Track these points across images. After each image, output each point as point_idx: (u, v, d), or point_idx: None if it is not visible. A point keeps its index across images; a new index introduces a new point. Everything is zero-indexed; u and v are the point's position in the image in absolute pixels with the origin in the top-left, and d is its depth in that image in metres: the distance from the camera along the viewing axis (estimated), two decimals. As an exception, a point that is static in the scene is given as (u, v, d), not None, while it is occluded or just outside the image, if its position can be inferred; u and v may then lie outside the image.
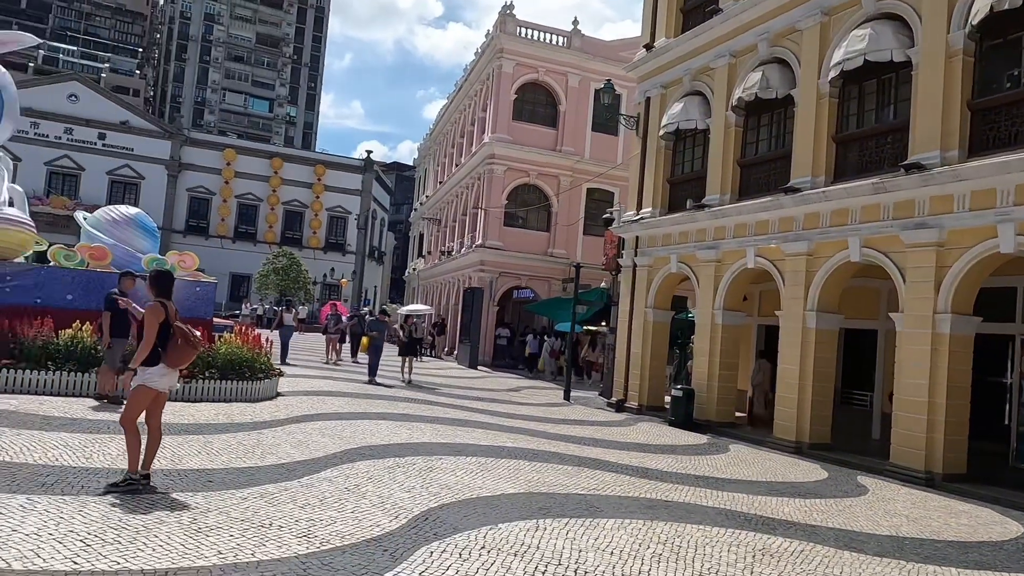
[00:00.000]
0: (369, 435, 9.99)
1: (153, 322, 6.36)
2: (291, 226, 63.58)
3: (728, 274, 16.61)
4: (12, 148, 55.70)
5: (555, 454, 10.16)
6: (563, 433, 12.57)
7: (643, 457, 10.87)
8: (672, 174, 19.34)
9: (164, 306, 6.47)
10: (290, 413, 11.21)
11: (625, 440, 12.67)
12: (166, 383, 6.51)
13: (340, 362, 22.93)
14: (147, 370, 6.35)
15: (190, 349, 6.53)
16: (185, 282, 12.97)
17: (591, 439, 12.23)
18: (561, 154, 31.93)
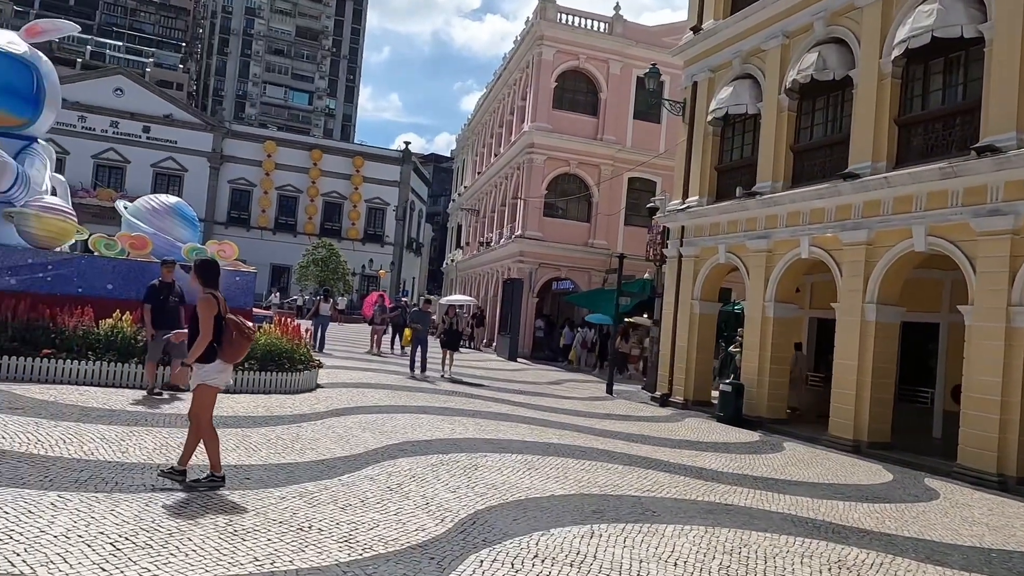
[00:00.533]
0: (410, 430, 9.67)
1: (208, 316, 6.07)
2: (330, 217, 63.93)
3: (780, 264, 15.94)
4: (60, 141, 56.92)
5: (603, 451, 9.73)
6: (609, 429, 12.12)
7: (695, 455, 10.37)
8: (720, 161, 18.67)
9: (215, 298, 6.18)
10: (329, 406, 10.95)
11: (674, 437, 12.17)
12: (224, 379, 6.26)
13: (382, 354, 22.61)
14: (203, 367, 6.08)
15: (245, 341, 6.25)
16: (225, 272, 12.78)
17: (639, 435, 11.76)
18: (602, 143, 31.31)
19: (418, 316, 18.53)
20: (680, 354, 18.67)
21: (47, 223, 11.35)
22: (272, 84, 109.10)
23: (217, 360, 6.12)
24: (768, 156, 16.35)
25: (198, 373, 6.06)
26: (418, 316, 18.53)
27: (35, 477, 5.69)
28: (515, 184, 33.31)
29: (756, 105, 16.80)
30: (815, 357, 19.23)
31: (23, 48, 12.58)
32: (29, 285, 11.24)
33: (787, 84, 15.70)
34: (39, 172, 12.35)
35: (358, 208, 64.19)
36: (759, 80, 17.01)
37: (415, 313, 18.87)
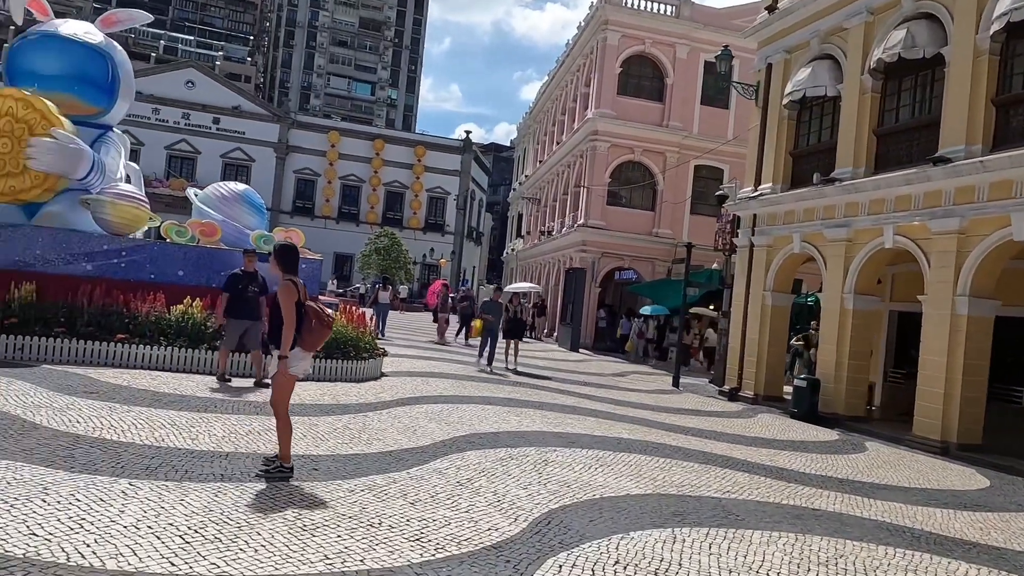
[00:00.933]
0: (477, 421, 9.45)
1: (289, 303, 5.94)
2: (392, 206, 64.53)
3: (860, 254, 15.15)
4: (135, 133, 58.84)
5: (677, 448, 9.33)
6: (680, 424, 11.68)
7: (773, 454, 9.87)
8: (796, 146, 17.87)
9: (295, 284, 6.05)
10: (395, 395, 10.84)
11: (748, 434, 11.66)
12: (303, 368, 6.11)
13: (447, 343, 22.35)
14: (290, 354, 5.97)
15: (324, 330, 6.11)
16: (291, 259, 12.85)
17: (711, 432, 11.29)
18: (668, 129, 30.54)
19: (489, 307, 17.29)
20: (750, 347, 18.02)
21: (121, 210, 11.53)
22: (336, 75, 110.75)
23: (296, 348, 5.99)
24: (849, 140, 15.55)
25: (277, 361, 5.94)
26: (489, 307, 17.29)
27: (107, 463, 5.65)
28: (578, 172, 32.83)
29: (836, 87, 15.97)
30: (895, 352, 18.32)
31: (99, 38, 12.80)
32: (104, 271, 11.44)
33: (871, 64, 14.86)
34: (114, 160, 12.57)
35: (419, 197, 64.61)
36: (839, 60, 16.17)
37: (486, 304, 17.56)
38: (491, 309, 17.09)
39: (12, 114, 11.16)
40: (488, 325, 16.71)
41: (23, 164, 11.17)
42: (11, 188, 11.27)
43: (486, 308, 17.32)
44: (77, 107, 12.43)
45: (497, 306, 17.25)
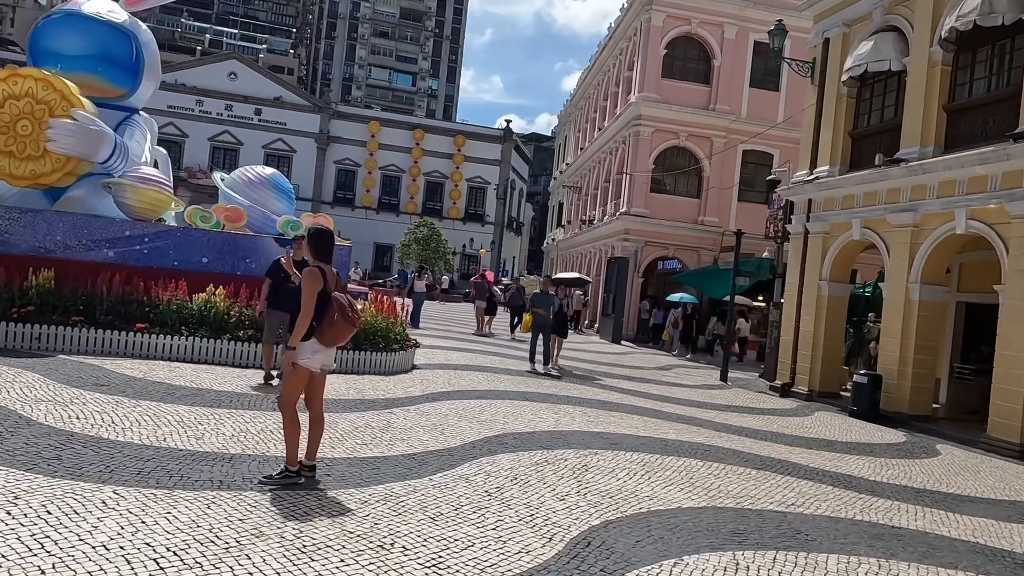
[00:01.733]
0: (511, 419, 8.74)
1: (312, 291, 5.29)
2: (432, 197, 64.21)
3: (928, 241, 14.01)
4: (180, 125, 59.55)
5: (730, 451, 8.49)
6: (731, 423, 10.80)
7: (837, 459, 8.95)
8: (855, 126, 16.72)
9: (323, 272, 5.40)
10: (425, 389, 10.18)
11: (806, 434, 10.73)
12: (318, 361, 5.40)
13: (490, 335, 21.31)
14: (301, 346, 5.32)
15: (348, 326, 5.42)
16: (319, 246, 12.28)
17: (765, 432, 10.40)
18: (715, 113, 29.33)
19: (540, 299, 15.27)
20: (804, 340, 16.97)
21: (142, 194, 11.07)
22: (377, 66, 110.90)
23: (312, 340, 5.34)
24: (916, 117, 14.38)
25: (297, 351, 5.31)
26: (540, 299, 15.27)
27: (95, 467, 5.08)
28: (620, 159, 31.82)
29: (901, 60, 14.80)
30: (962, 346, 17.08)
31: (123, 17, 12.37)
32: (126, 257, 11.01)
33: (942, 34, 13.66)
34: (138, 144, 12.14)
35: (459, 187, 64.17)
36: (905, 32, 14.98)
37: (537, 296, 15.41)
38: (542, 302, 15.14)
39: (32, 95, 10.77)
40: (539, 320, 14.91)
41: (43, 147, 10.78)
42: (32, 172, 10.89)
43: (537, 301, 15.29)
44: (101, 88, 12.02)
45: (548, 298, 15.16)
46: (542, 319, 14.86)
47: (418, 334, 18.66)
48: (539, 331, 14.91)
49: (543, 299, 15.19)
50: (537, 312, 15.09)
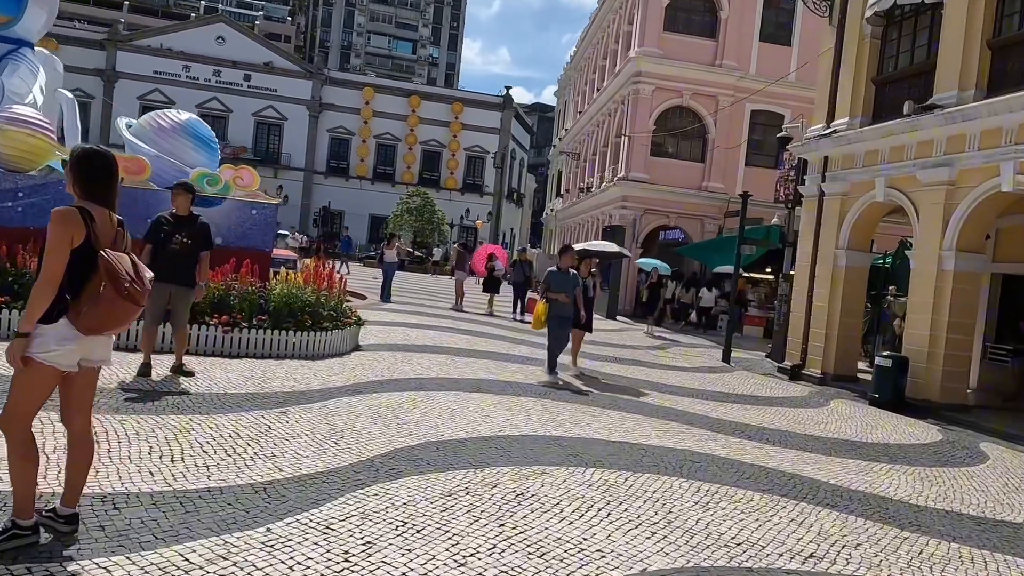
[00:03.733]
0: (445, 419, 6.82)
1: (59, 243, 3.32)
2: (429, 166, 61.99)
3: (967, 201, 11.97)
4: (167, 91, 57.30)
5: (727, 463, 6.54)
6: (730, 419, 8.86)
7: (865, 471, 6.99)
8: (880, 71, 14.57)
9: (86, 217, 3.43)
10: (352, 378, 8.26)
11: (823, 433, 8.77)
12: (72, 355, 3.39)
13: (492, 314, 18.76)
14: (40, 329, 3.33)
15: (122, 304, 3.40)
16: (237, 204, 10.26)
17: (773, 431, 8.45)
18: (721, 69, 27.03)
19: (560, 280, 10.37)
20: (818, 316, 14.98)
21: (12, 138, 9.08)
22: (376, 33, 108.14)
23: (63, 321, 3.36)
24: (954, 56, 12.25)
25: (30, 339, 3.33)
26: (560, 280, 10.37)
27: None
28: (619, 120, 29.59)
29: (937, -10, 12.63)
30: (997, 324, 15.07)
31: (5, -71, 10.32)
32: (-5, 216, 9.07)
33: (988, -47, 11.48)
34: (22, 81, 10.15)
35: (456, 157, 61.89)
36: (943, -44, 12.77)
37: (555, 276, 10.46)
38: (561, 283, 10.34)
39: None
40: (557, 310, 10.25)
41: None
42: None
43: (554, 282, 10.38)
44: (-24, 15, 9.98)
45: (571, 280, 10.48)
46: (562, 309, 10.25)
47: (386, 309, 16.78)
48: (559, 327, 10.29)
49: (562, 280, 10.38)
50: (554, 298, 10.24)
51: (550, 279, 10.44)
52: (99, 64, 55.93)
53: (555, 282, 10.35)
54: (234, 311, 8.83)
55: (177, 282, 7.17)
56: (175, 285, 7.17)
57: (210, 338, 8.59)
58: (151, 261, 7.05)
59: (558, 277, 10.45)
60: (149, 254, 7.03)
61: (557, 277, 10.45)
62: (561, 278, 10.44)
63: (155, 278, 7.04)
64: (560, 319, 10.28)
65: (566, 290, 10.32)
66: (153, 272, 7.02)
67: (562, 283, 10.36)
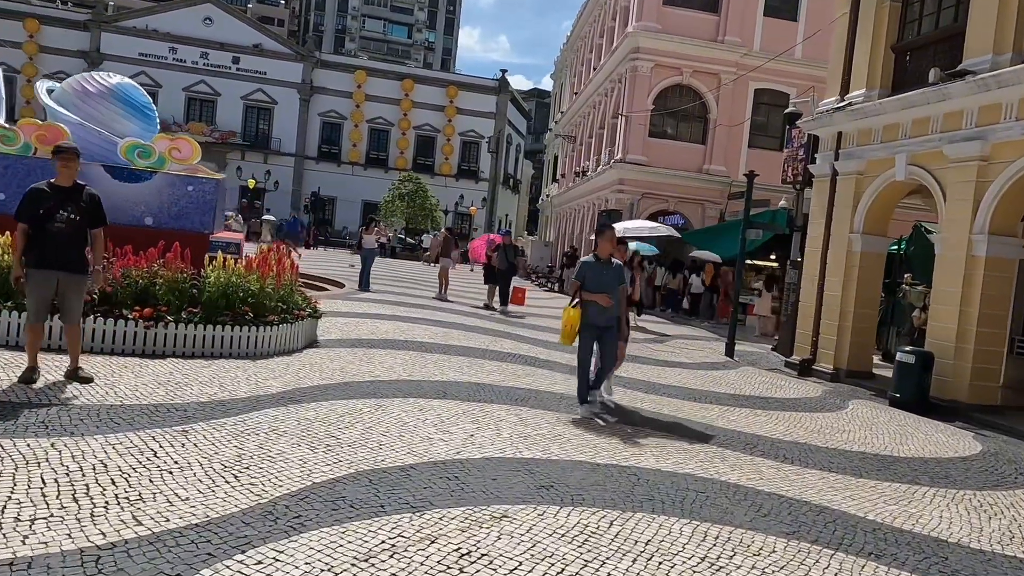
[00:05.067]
0: (395, 437, 5.56)
1: None
2: (423, 152, 60.57)
3: (1002, 179, 10.69)
4: (152, 74, 55.71)
5: (737, 492, 5.29)
6: (737, 428, 7.60)
7: (907, 500, 5.73)
8: (900, 37, 13.24)
9: None
10: (294, 382, 6.98)
11: (853, 446, 7.50)
12: None
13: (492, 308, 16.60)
14: None
15: None
16: (170, 179, 8.95)
17: (798, 446, 7.17)
18: (723, 45, 25.64)
19: (596, 274, 7.48)
20: (830, 307, 13.72)
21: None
22: (371, 17, 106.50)
23: None
24: (987, 16, 10.95)
25: None
26: (596, 274, 7.48)
27: None
28: (616, 100, 28.21)
29: (970, -59, 11.28)
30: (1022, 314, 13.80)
31: None
32: None
33: None
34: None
35: (451, 142, 60.45)
36: (975, -96, 11.41)
37: (590, 268, 7.53)
38: (599, 280, 7.44)
39: None
40: (593, 318, 7.40)
41: None
42: None
43: (589, 278, 7.45)
44: None
45: (613, 273, 7.56)
46: (599, 315, 7.38)
47: (361, 298, 15.51)
48: (594, 338, 7.51)
49: (601, 273, 7.44)
50: (592, 300, 7.36)
51: (585, 272, 7.45)
52: (83, 46, 54.39)
53: (591, 277, 7.36)
54: (159, 303, 7.54)
55: (65, 268, 5.87)
56: (63, 272, 5.88)
57: (128, 335, 7.30)
58: (30, 244, 5.78)
59: (595, 270, 7.41)
60: (25, 235, 5.73)
61: (594, 270, 7.41)
62: (599, 271, 7.40)
63: (36, 264, 5.83)
64: (598, 329, 7.39)
65: (607, 288, 7.33)
66: (34, 257, 5.80)
67: (601, 278, 7.38)
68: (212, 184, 9.14)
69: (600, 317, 7.40)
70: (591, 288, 7.39)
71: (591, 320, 7.39)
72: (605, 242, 7.63)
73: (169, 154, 9.13)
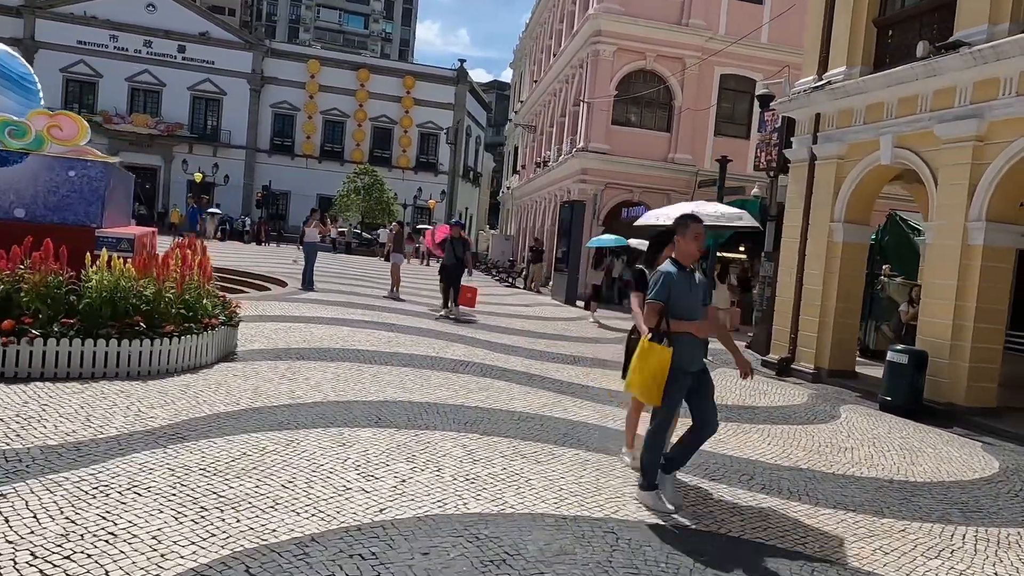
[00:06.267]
0: (302, 489, 4.27)
1: None
2: (380, 144, 58.75)
3: (1000, 161, 9.76)
4: (92, 63, 53.00)
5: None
6: (740, 455, 6.45)
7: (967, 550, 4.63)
8: (883, 10, 12.29)
9: None
10: (188, 410, 5.63)
11: (862, 470, 6.39)
12: None
13: (453, 313, 14.34)
14: None
15: None
16: (47, 162, 7.50)
17: (800, 473, 6.04)
18: (688, 29, 24.58)
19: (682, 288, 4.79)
20: (810, 301, 12.74)
21: None
22: (326, 7, 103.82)
23: None
24: (983, -18, 9.95)
25: None
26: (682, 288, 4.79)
27: None
28: (577, 87, 27.03)
29: (963, -101, 10.29)
30: (1012, 308, 13.00)
31: None
32: None
33: None
34: None
35: (409, 133, 58.73)
36: None
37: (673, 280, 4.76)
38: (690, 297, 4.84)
39: None
40: (686, 361, 4.75)
41: None
42: None
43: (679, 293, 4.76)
44: None
45: (700, 288, 4.93)
46: (694, 357, 4.86)
47: (303, 299, 14.11)
48: (686, 391, 4.87)
49: (688, 289, 4.83)
50: (684, 330, 4.75)
51: (670, 287, 4.72)
52: (16, 33, 51.33)
53: (680, 295, 4.74)
54: (24, 313, 6.11)
55: None
56: None
57: (-21, 354, 5.87)
58: None
59: (682, 284, 4.77)
60: None
61: (681, 284, 4.76)
62: (687, 285, 4.80)
63: None
64: (692, 377, 4.82)
65: (698, 311, 4.85)
66: None
67: (691, 297, 4.82)
68: (99, 168, 7.69)
69: (696, 357, 4.84)
70: (682, 312, 4.72)
71: (684, 364, 4.70)
72: (691, 241, 4.82)
73: (48, 133, 7.65)
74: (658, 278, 4.79)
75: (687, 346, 4.72)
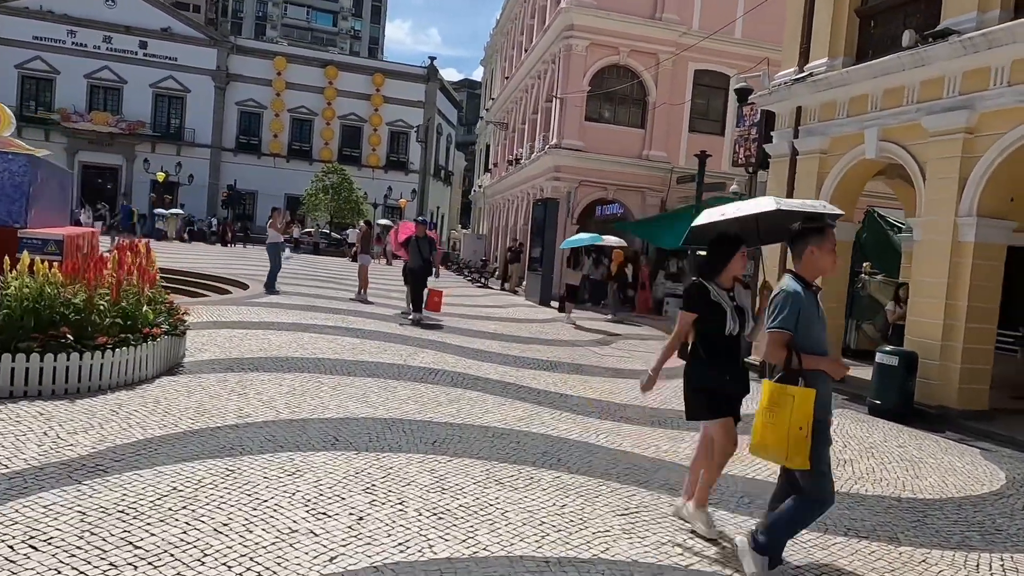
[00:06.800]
0: (236, 539, 3.66)
1: None
2: (349, 143, 57.71)
3: (991, 153, 9.41)
4: (49, 59, 51.31)
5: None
6: (739, 474, 5.89)
7: None
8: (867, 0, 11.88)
9: None
10: (117, 435, 4.95)
11: (865, 485, 5.90)
12: None
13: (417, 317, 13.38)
14: None
15: None
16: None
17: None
18: (661, 23, 24.16)
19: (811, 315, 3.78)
20: (793, 301, 12.27)
21: None
22: (293, 4, 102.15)
23: None
24: (972, -32, 9.57)
25: None
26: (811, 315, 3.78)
27: None
28: (549, 83, 26.49)
29: None
30: (1005, 305, 12.70)
31: None
32: None
33: None
34: None
35: (378, 132, 57.79)
36: None
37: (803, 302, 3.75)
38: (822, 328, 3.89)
39: None
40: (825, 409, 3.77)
41: None
42: None
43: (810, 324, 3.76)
44: None
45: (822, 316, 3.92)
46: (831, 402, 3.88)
47: (264, 303, 13.36)
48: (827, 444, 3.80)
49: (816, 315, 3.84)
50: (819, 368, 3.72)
51: (798, 313, 3.73)
52: (-33, 28, 49.61)
53: (808, 323, 3.77)
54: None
55: None
56: None
57: None
58: None
59: (810, 308, 3.80)
60: None
61: (809, 309, 3.78)
62: (814, 309, 3.84)
63: None
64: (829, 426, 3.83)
65: (827, 346, 3.94)
66: None
67: (817, 323, 3.85)
68: (21, 162, 6.93)
69: (831, 400, 3.90)
70: (812, 345, 3.74)
71: (826, 411, 3.75)
72: (827, 254, 3.88)
73: (-34, 123, 6.91)
74: (783, 300, 3.70)
75: (824, 387, 3.69)
